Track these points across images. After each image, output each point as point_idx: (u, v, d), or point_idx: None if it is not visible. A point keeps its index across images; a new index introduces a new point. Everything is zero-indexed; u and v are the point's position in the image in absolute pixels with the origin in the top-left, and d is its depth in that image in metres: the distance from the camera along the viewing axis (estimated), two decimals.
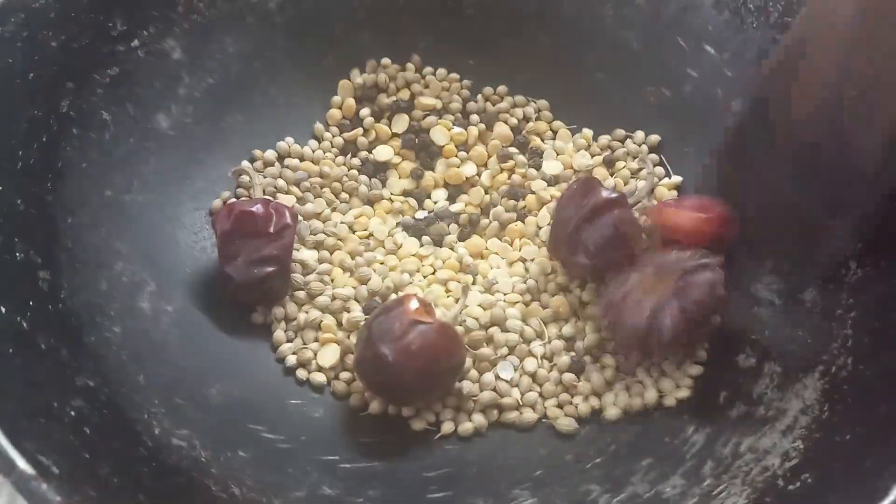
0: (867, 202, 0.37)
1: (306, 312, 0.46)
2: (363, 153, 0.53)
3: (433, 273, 0.49)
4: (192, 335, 0.45)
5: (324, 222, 0.50)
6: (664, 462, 0.41)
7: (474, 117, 0.54)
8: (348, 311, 0.46)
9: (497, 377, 0.45)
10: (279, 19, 0.54)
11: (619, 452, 0.42)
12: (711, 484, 0.39)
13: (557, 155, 0.53)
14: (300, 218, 0.49)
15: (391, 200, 0.52)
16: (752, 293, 0.46)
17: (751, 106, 0.40)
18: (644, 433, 0.43)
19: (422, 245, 0.50)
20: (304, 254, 0.48)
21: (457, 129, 0.53)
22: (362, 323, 0.44)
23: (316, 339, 0.46)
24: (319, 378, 0.45)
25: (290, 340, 0.46)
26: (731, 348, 0.44)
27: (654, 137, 0.53)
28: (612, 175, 0.52)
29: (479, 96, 0.56)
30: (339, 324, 0.46)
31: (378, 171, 0.53)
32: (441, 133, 0.53)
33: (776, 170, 0.38)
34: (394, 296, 0.47)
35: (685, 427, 0.42)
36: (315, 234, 0.49)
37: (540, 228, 0.50)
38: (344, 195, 0.52)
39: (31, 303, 0.38)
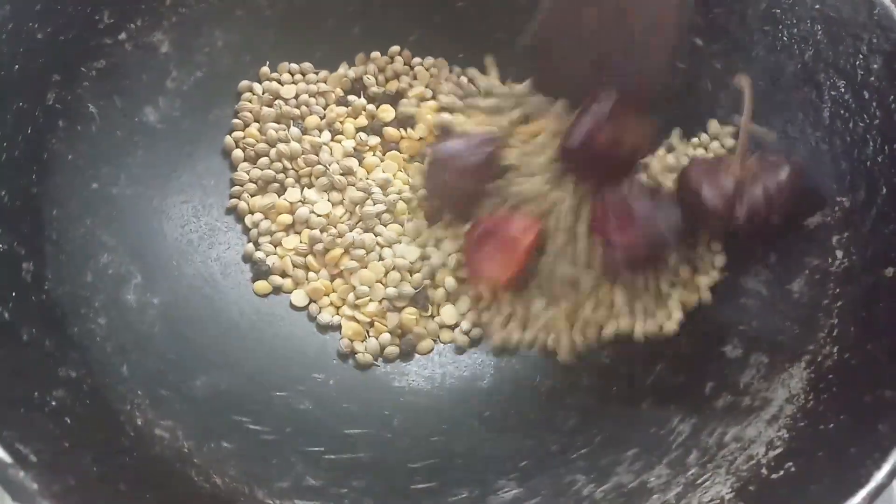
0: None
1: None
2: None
3: None
4: (178, 327, 0.44)
5: None
6: (650, 452, 0.41)
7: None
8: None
9: None
10: (269, 13, 0.54)
11: (605, 443, 0.42)
12: (696, 473, 0.39)
13: None
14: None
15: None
16: (739, 284, 0.46)
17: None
18: (630, 423, 0.43)
19: None
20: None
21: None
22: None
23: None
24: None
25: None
26: (719, 339, 0.44)
27: None
28: None
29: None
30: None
31: None
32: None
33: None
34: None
35: (671, 417, 0.42)
36: None
37: None
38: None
39: (13, 293, 0.38)
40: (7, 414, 0.33)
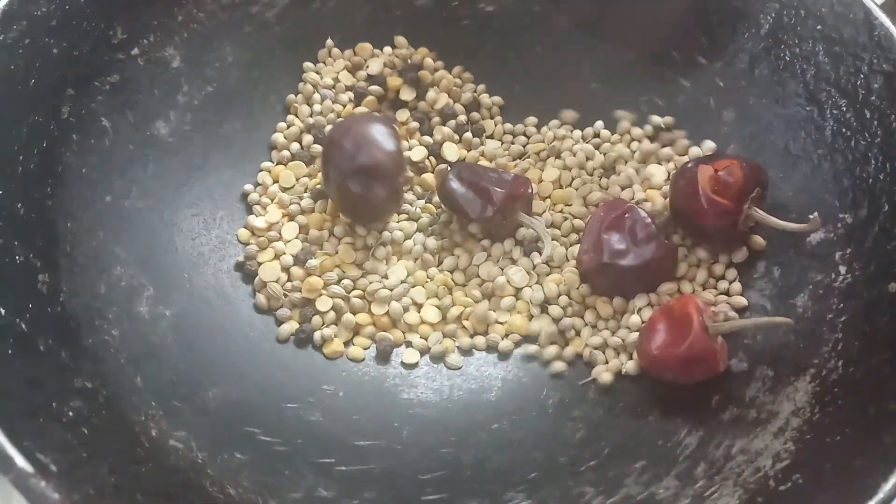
0: None
1: None
2: None
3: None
4: (190, 339, 0.45)
5: None
6: (657, 464, 0.41)
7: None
8: None
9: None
10: (277, 29, 0.54)
11: (613, 455, 0.43)
12: (704, 485, 0.39)
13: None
14: None
15: None
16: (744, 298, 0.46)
17: None
18: (637, 436, 0.43)
19: None
20: None
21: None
22: None
23: None
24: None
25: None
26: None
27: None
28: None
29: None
30: None
31: None
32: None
33: None
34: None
35: (678, 430, 0.42)
36: None
37: None
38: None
39: (30, 305, 0.38)
40: (26, 424, 0.33)
